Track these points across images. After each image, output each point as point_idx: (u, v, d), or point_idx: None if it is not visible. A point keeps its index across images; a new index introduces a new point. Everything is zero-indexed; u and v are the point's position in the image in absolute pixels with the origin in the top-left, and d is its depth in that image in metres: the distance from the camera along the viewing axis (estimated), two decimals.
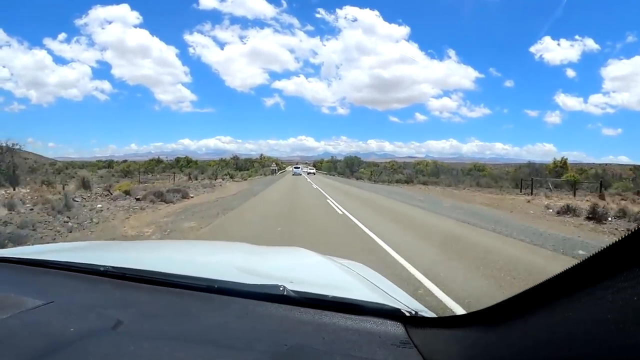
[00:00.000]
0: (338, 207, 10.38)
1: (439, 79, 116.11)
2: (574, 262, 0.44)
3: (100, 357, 0.57)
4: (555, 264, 4.37)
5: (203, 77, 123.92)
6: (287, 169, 74.12)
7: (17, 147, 19.53)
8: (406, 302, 0.88)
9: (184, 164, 51.27)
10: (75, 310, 0.76)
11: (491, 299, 0.71)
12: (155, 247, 1.81)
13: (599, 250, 0.40)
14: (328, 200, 12.59)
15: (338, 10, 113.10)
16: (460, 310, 2.84)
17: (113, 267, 0.98)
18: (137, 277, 0.94)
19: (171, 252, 1.55)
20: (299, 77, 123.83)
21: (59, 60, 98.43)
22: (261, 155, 76.82)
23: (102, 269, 0.98)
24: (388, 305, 0.82)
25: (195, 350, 0.61)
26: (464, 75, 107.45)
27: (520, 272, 3.97)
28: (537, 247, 5.51)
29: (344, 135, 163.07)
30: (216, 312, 0.81)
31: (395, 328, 0.74)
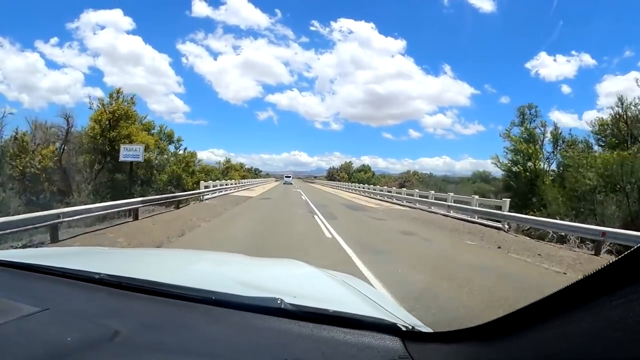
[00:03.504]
0: None
1: (433, 95, 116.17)
2: (571, 280, 0.45)
3: None
4: None
5: (196, 88, 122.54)
6: (256, 189, 27.24)
7: None
8: (402, 317, 0.88)
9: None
10: (72, 318, 0.75)
11: None
12: (151, 256, 1.78)
13: (596, 270, 0.41)
14: None
15: (333, 23, 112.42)
16: None
17: (108, 274, 0.96)
18: (133, 286, 0.92)
19: (166, 262, 1.53)
20: (293, 91, 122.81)
21: (51, 65, 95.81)
22: (185, 151, 26.64)
23: (96, 276, 0.96)
24: (386, 320, 0.81)
25: None
26: (459, 91, 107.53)
27: None
28: None
29: (337, 150, 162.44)
30: (214, 324, 0.80)
31: (393, 343, 0.74)
